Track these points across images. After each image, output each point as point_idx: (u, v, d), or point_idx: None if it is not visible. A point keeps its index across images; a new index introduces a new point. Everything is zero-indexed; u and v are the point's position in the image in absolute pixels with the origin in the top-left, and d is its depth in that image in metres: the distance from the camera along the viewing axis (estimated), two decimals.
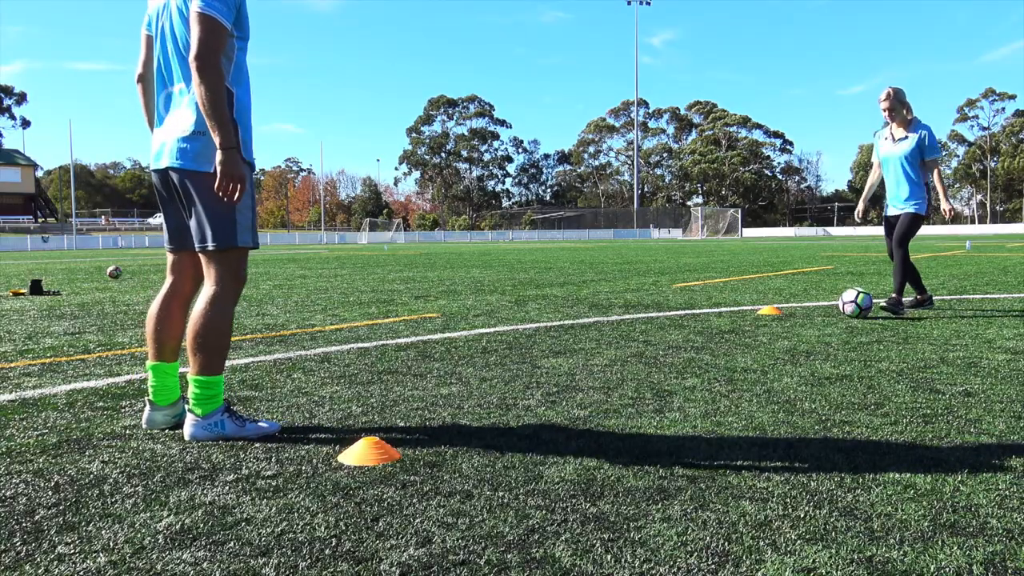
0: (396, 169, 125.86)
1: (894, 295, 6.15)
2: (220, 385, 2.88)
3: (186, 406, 2.89)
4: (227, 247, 2.86)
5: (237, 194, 2.75)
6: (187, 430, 2.84)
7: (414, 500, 2.19)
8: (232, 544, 1.90)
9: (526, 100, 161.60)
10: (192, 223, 2.89)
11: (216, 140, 2.71)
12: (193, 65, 2.69)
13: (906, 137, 6.23)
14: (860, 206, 6.82)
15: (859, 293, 6.03)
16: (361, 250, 33.63)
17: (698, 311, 6.72)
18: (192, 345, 2.84)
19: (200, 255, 2.92)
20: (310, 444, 2.75)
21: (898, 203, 6.34)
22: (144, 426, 2.99)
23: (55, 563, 1.81)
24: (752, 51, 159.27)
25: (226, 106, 2.73)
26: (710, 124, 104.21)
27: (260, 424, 2.90)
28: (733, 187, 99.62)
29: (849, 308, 6.01)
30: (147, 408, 3.00)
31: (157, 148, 2.93)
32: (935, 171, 6.25)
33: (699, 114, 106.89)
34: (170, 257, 3.10)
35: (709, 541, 1.89)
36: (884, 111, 6.25)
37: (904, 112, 6.24)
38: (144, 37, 3.02)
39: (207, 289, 2.90)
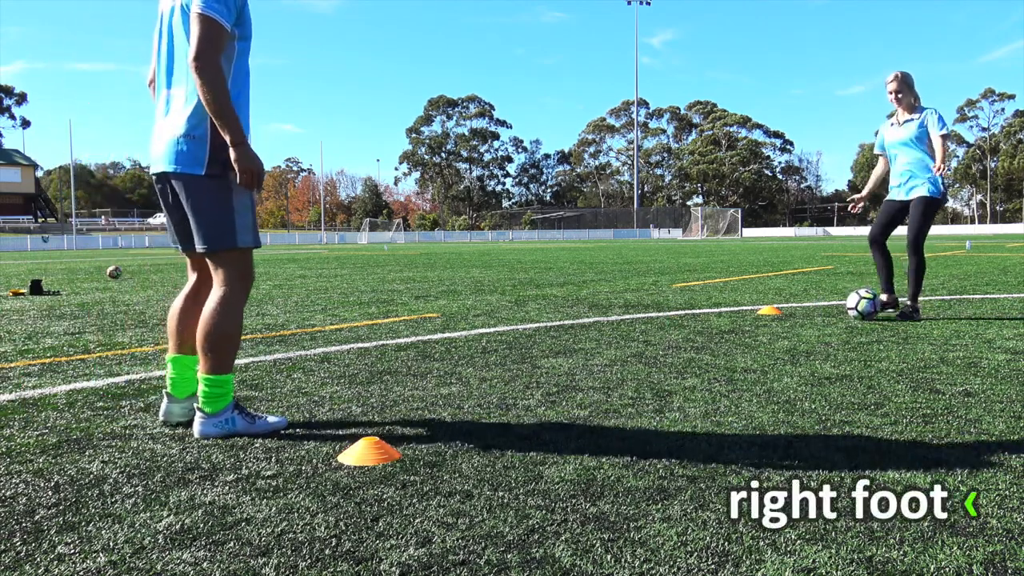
0: (396, 169, 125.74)
1: (910, 303, 5.99)
2: (230, 383, 2.92)
3: (195, 405, 2.91)
4: (227, 248, 2.88)
5: (258, 184, 2.82)
6: (197, 428, 2.87)
7: (414, 500, 2.19)
8: (232, 544, 1.90)
9: (526, 100, 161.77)
10: (192, 226, 2.91)
11: (227, 138, 2.74)
12: (193, 66, 2.70)
13: (912, 119, 6.05)
14: (861, 194, 6.46)
15: (860, 299, 5.90)
16: (361, 250, 33.62)
17: (698, 311, 6.72)
18: (202, 345, 2.86)
19: (206, 257, 2.95)
20: (310, 444, 2.75)
21: (907, 188, 6.05)
22: (161, 418, 3.04)
23: (55, 563, 1.81)
24: (752, 51, 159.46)
25: (231, 103, 2.73)
26: (710, 124, 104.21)
27: (269, 419, 2.95)
28: (733, 187, 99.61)
29: (852, 314, 5.93)
30: (165, 401, 3.05)
31: (154, 152, 2.94)
32: (940, 139, 5.87)
33: (699, 114, 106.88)
34: (187, 258, 3.14)
35: (709, 541, 1.89)
36: (890, 93, 6.05)
37: (911, 98, 6.05)
38: (155, 41, 3.02)
39: (215, 290, 2.92)
